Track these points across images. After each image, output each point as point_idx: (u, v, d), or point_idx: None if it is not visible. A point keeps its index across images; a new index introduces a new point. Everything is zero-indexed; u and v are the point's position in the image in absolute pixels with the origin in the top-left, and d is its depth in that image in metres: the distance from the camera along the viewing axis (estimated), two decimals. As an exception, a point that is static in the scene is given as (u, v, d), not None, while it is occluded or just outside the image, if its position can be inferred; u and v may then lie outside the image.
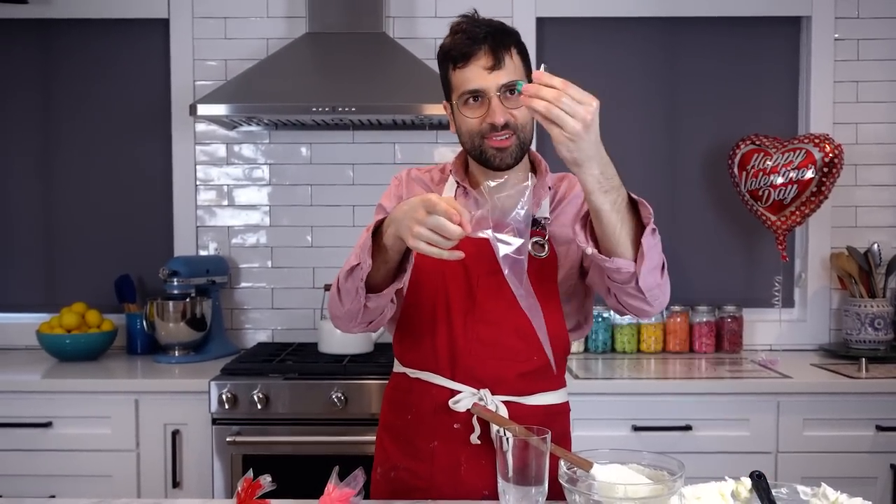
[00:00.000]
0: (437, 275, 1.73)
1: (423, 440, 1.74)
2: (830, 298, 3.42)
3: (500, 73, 1.63)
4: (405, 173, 1.90)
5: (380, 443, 1.86)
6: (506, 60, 1.64)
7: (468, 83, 1.65)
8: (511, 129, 1.65)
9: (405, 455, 1.77)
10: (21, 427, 2.74)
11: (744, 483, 1.27)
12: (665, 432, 2.73)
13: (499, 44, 1.64)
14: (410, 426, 1.77)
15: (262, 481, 1.36)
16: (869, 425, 2.73)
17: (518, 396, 1.72)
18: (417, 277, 1.75)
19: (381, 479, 1.80)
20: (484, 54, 1.64)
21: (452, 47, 1.67)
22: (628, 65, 3.44)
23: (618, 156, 1.87)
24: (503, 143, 1.66)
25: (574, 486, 1.37)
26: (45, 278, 3.49)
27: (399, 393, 1.81)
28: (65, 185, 3.47)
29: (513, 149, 1.67)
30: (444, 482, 1.71)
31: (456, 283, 1.73)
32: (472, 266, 1.70)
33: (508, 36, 1.68)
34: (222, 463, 2.71)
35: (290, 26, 3.37)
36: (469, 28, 1.66)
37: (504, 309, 1.69)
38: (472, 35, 1.64)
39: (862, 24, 3.37)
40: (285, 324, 3.44)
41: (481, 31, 1.64)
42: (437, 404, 1.72)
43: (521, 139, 1.68)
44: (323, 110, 2.88)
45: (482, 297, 1.71)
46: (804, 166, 3.11)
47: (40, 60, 3.44)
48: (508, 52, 1.65)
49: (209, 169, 3.42)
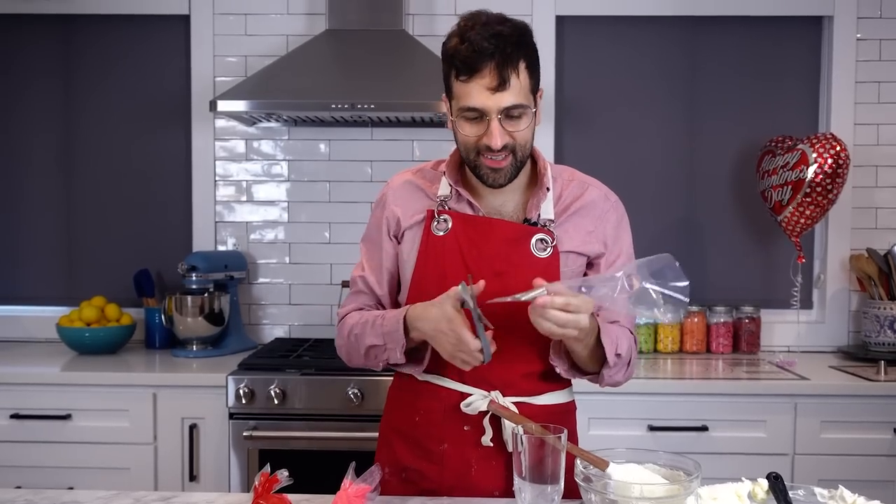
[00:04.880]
0: (438, 279, 1.70)
1: (433, 443, 1.72)
2: (849, 300, 3.40)
3: (504, 94, 1.55)
4: (389, 191, 1.82)
5: (385, 442, 1.83)
6: (511, 81, 1.55)
7: (469, 99, 1.57)
8: (509, 150, 1.60)
9: (415, 457, 1.75)
10: (41, 419, 2.77)
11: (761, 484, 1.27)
12: (681, 432, 2.72)
13: (506, 62, 1.54)
14: (419, 428, 1.74)
15: (279, 476, 1.36)
16: (887, 428, 2.71)
17: (526, 397, 1.70)
18: (419, 281, 1.73)
19: (391, 479, 1.77)
20: (489, 73, 1.54)
21: (456, 54, 1.57)
22: (648, 64, 3.43)
23: (637, 155, 1.87)
24: (499, 163, 1.61)
25: (590, 485, 1.37)
26: (64, 272, 3.52)
27: (406, 394, 1.79)
28: (85, 179, 3.49)
29: (508, 169, 1.63)
30: (455, 484, 1.69)
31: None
32: (475, 269, 1.67)
33: (518, 49, 1.56)
34: (239, 457, 2.73)
35: (309, 23, 3.38)
36: (476, 38, 1.54)
37: (509, 312, 1.64)
38: (479, 48, 1.53)
39: (884, 24, 3.34)
40: (302, 319, 3.46)
41: (489, 44, 1.53)
42: (447, 407, 1.70)
43: (518, 158, 1.63)
44: (342, 107, 2.89)
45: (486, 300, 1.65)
46: (797, 167, 3.08)
47: (61, 56, 3.47)
48: (515, 71, 1.55)
49: (228, 165, 3.44)
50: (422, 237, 1.73)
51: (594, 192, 1.77)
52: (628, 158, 3.39)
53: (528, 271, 1.65)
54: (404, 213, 1.77)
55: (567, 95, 3.43)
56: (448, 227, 1.71)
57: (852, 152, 3.26)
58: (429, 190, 1.78)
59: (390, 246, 1.79)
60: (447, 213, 1.72)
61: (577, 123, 3.44)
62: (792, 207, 3.11)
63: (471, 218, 1.71)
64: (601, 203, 1.76)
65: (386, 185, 1.86)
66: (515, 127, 1.59)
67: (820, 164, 3.04)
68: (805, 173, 3.06)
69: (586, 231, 1.73)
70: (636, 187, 3.35)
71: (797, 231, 3.17)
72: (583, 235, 1.73)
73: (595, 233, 1.74)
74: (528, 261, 1.68)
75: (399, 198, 1.80)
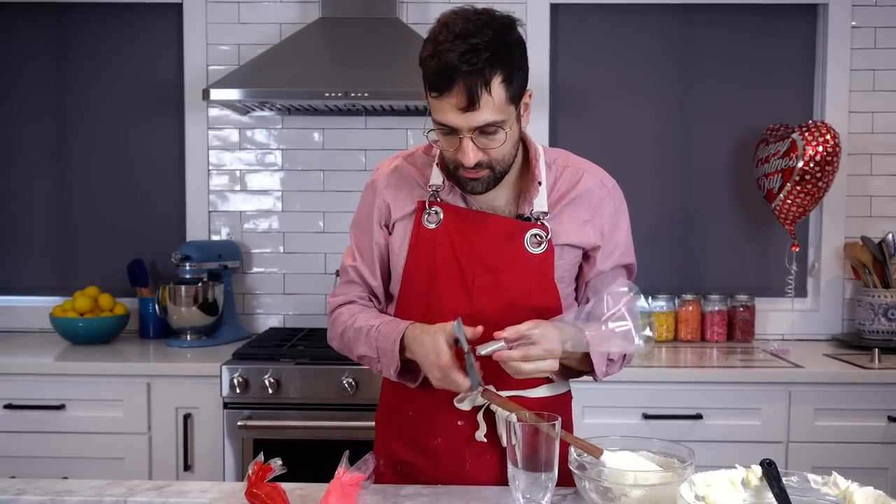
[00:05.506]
0: (429, 274, 1.67)
1: (427, 437, 1.71)
2: (844, 288, 3.41)
3: (475, 114, 1.48)
4: (379, 177, 1.78)
5: (381, 435, 1.82)
6: (483, 100, 1.47)
7: (440, 115, 1.52)
8: (484, 166, 1.56)
9: (409, 451, 1.74)
10: (34, 409, 2.77)
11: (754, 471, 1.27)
12: (676, 421, 2.72)
13: (476, 79, 1.45)
14: (413, 422, 1.73)
15: (272, 465, 1.36)
16: (881, 416, 2.72)
17: (520, 390, 1.67)
18: (410, 274, 1.70)
19: (386, 470, 1.77)
20: (458, 92, 1.47)
21: (427, 69, 1.51)
22: (643, 52, 3.42)
23: (632, 144, 1.86)
24: (475, 174, 1.58)
25: (584, 473, 1.37)
26: (58, 262, 3.50)
27: (399, 388, 1.74)
28: (78, 169, 3.48)
29: (486, 179, 1.59)
30: (450, 478, 1.68)
31: (449, 282, 1.66)
32: (467, 265, 1.65)
33: (493, 65, 1.46)
34: (233, 447, 2.73)
35: (303, 11, 3.36)
36: (447, 55, 1.46)
37: (501, 308, 1.64)
38: (448, 65, 1.45)
39: (879, 11, 3.34)
40: (297, 309, 3.45)
41: (460, 62, 1.44)
42: (440, 401, 1.67)
43: (496, 172, 1.59)
44: (336, 96, 2.88)
45: (478, 297, 1.65)
46: (787, 155, 3.08)
47: (54, 45, 3.45)
48: (487, 88, 1.46)
49: (222, 154, 3.43)
50: (412, 230, 1.70)
51: (589, 180, 1.72)
52: (623, 147, 3.39)
53: (522, 267, 1.64)
54: (395, 202, 1.74)
55: (561, 84, 3.42)
56: (439, 220, 1.68)
57: (847, 140, 3.26)
58: (419, 177, 1.74)
59: (381, 236, 1.76)
60: (438, 206, 1.69)
61: (571, 112, 3.43)
62: (783, 195, 3.12)
63: (463, 211, 1.68)
64: (597, 191, 1.72)
65: (376, 170, 1.82)
66: (490, 143, 1.53)
67: (808, 152, 3.04)
68: (795, 161, 3.06)
69: (582, 221, 1.69)
70: (631, 176, 3.31)
71: (790, 219, 3.17)
72: (578, 225, 1.69)
73: (591, 222, 1.70)
74: (522, 257, 1.65)
75: (390, 185, 1.76)
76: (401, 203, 1.73)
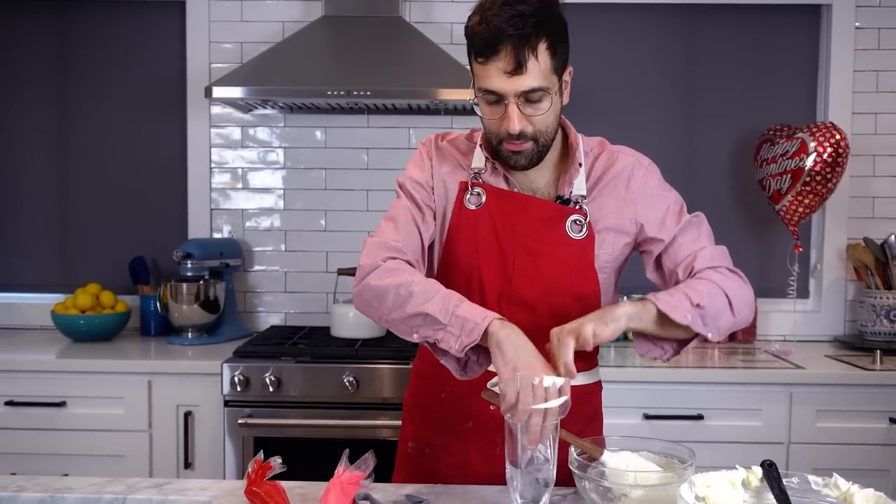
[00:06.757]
0: (471, 255, 1.67)
1: (458, 419, 1.71)
2: (846, 290, 3.40)
3: (521, 78, 1.50)
4: (433, 140, 1.77)
5: (409, 417, 1.82)
6: (529, 64, 1.49)
7: (486, 81, 1.53)
8: (528, 136, 1.57)
9: (439, 433, 1.73)
10: (35, 406, 2.77)
11: (755, 472, 1.26)
12: (676, 421, 2.72)
13: (524, 44, 1.48)
14: (444, 404, 1.73)
15: (272, 463, 1.36)
16: (882, 417, 2.72)
17: None
18: (450, 255, 1.70)
19: (414, 453, 1.75)
20: (505, 56, 1.49)
21: (474, 35, 1.53)
22: (645, 52, 3.42)
23: (634, 144, 1.86)
24: (519, 146, 1.59)
25: (584, 473, 1.37)
26: (59, 259, 3.51)
27: (431, 369, 1.70)
28: (80, 166, 3.48)
29: (529, 152, 1.60)
30: (479, 461, 1.68)
31: (490, 263, 1.66)
32: (508, 247, 1.65)
33: (539, 30, 1.49)
34: (234, 444, 2.73)
35: (306, 9, 3.36)
36: (494, 19, 1.48)
37: (541, 292, 1.64)
38: (496, 29, 1.48)
39: (883, 12, 3.33)
40: (298, 307, 3.45)
41: (507, 25, 1.47)
42: (473, 385, 1.61)
43: (539, 144, 1.60)
44: (338, 94, 2.88)
45: (518, 279, 1.65)
46: (797, 156, 3.07)
47: (57, 41, 3.45)
48: (534, 53, 1.49)
49: (224, 152, 3.43)
50: (453, 210, 1.70)
51: (624, 160, 1.74)
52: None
53: (563, 252, 1.65)
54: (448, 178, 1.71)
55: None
56: (482, 202, 1.68)
57: (850, 141, 3.25)
58: (462, 160, 1.73)
59: (430, 216, 1.70)
60: (481, 187, 1.69)
61: (574, 112, 3.39)
62: (791, 196, 3.11)
63: (506, 193, 1.68)
64: (634, 169, 1.73)
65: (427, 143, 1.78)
66: (535, 111, 1.55)
67: (819, 152, 3.04)
68: (805, 162, 3.05)
69: (620, 199, 1.69)
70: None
71: (795, 220, 3.16)
72: (618, 204, 1.68)
73: (630, 198, 1.69)
74: (563, 242, 1.65)
75: (442, 162, 1.74)
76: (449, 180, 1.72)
